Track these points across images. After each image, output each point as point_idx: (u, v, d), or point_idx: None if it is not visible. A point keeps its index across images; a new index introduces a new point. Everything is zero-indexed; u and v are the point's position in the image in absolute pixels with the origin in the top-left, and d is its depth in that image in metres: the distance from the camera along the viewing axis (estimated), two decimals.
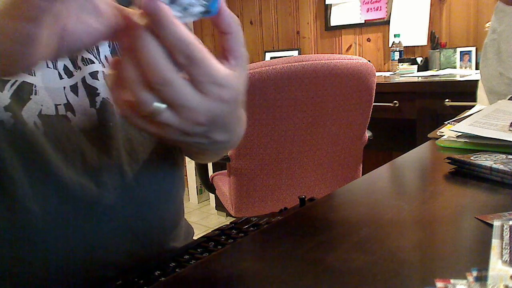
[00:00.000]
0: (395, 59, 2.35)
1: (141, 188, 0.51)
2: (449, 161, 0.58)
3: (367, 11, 2.57)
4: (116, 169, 0.49)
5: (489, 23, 1.11)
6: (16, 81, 0.43)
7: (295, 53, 2.87)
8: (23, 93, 0.44)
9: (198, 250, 0.55)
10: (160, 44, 0.31)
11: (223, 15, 0.34)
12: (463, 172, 0.56)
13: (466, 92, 1.58)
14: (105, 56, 0.51)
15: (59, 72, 0.47)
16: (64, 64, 0.48)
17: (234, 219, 0.68)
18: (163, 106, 0.32)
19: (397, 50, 2.35)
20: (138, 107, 0.32)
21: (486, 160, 0.54)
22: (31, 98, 0.44)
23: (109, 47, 0.52)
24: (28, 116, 0.43)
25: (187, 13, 0.32)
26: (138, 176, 0.51)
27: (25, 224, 0.43)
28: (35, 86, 0.45)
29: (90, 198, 0.46)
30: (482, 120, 0.69)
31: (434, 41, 2.27)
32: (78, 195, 0.45)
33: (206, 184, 1.81)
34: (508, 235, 0.36)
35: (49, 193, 0.44)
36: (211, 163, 2.45)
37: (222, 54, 0.35)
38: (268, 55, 3.02)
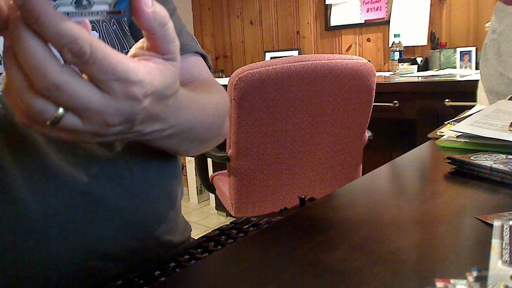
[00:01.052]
0: (395, 59, 2.35)
1: (134, 179, 0.52)
2: (449, 161, 0.58)
3: (367, 11, 2.57)
4: (109, 161, 0.49)
5: (489, 23, 1.11)
6: None
7: (295, 53, 2.87)
8: None
9: (198, 250, 0.55)
10: (45, 42, 0.27)
11: (142, 17, 0.30)
12: (463, 172, 0.56)
13: (466, 92, 1.58)
14: None
15: None
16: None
17: (234, 219, 0.68)
18: (61, 111, 0.29)
19: (397, 50, 2.35)
20: (33, 116, 0.29)
21: (486, 160, 0.54)
22: None
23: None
24: None
25: (84, 10, 0.28)
26: (131, 168, 0.51)
27: (20, 214, 0.43)
28: None
29: (82, 189, 0.47)
30: (482, 120, 0.69)
31: (434, 41, 2.27)
32: (71, 185, 0.46)
33: (206, 184, 1.81)
34: (508, 235, 0.36)
35: (41, 183, 0.44)
36: (211, 163, 2.45)
37: (148, 49, 0.32)
38: (268, 55, 3.02)
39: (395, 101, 1.83)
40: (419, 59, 2.28)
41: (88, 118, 0.29)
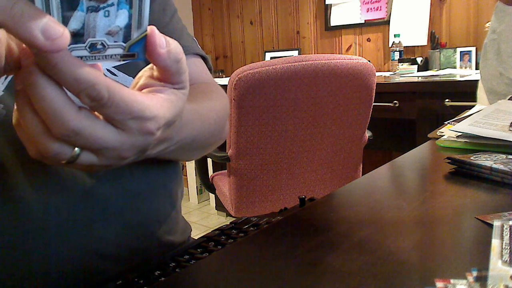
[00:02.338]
0: (395, 59, 2.35)
1: (134, 180, 0.52)
2: (449, 161, 0.58)
3: (367, 11, 2.57)
4: None
5: (489, 23, 1.11)
6: None
7: (295, 53, 2.87)
8: None
9: (198, 250, 0.55)
10: (60, 88, 0.26)
11: (157, 59, 0.30)
12: (463, 172, 0.56)
13: (466, 92, 1.58)
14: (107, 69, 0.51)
15: None
16: None
17: (234, 219, 0.68)
18: (77, 151, 0.29)
19: (397, 50, 2.35)
20: (49, 157, 0.29)
21: (486, 160, 0.54)
22: None
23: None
24: None
25: (98, 53, 0.27)
26: (132, 168, 0.52)
27: (22, 213, 0.43)
28: None
29: (83, 188, 0.47)
30: (482, 120, 0.69)
31: (434, 41, 2.27)
32: (72, 185, 0.46)
33: (206, 184, 1.81)
34: (508, 235, 0.36)
35: (44, 183, 0.45)
36: (211, 163, 2.45)
37: (160, 80, 0.32)
38: (268, 55, 3.02)
39: (395, 101, 1.83)
40: (419, 59, 2.28)
41: (104, 155, 0.30)
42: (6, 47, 0.26)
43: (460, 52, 2.19)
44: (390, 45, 2.43)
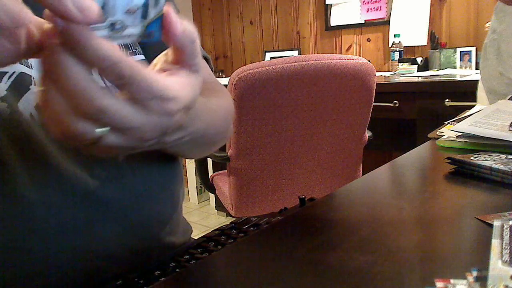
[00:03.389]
0: (395, 59, 2.35)
1: (136, 180, 0.52)
2: (449, 161, 0.58)
3: (367, 11, 2.57)
4: (112, 161, 0.49)
5: (489, 23, 1.11)
6: (14, 72, 0.44)
7: (295, 53, 2.87)
8: (21, 85, 0.44)
9: (198, 250, 0.55)
10: (86, 67, 0.27)
11: (174, 38, 0.30)
12: (463, 172, 0.56)
13: (466, 92, 1.58)
14: None
15: None
16: None
17: (234, 219, 0.68)
18: (106, 130, 0.29)
19: (397, 50, 2.35)
20: (74, 137, 0.29)
21: (486, 160, 0.54)
22: (30, 89, 0.44)
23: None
24: (25, 107, 0.44)
25: (117, 33, 0.28)
26: (134, 169, 0.52)
27: (24, 212, 0.43)
28: (33, 78, 0.45)
29: (85, 189, 0.47)
30: (482, 120, 0.69)
31: (434, 41, 2.27)
32: (74, 185, 0.46)
33: (206, 184, 1.81)
34: (508, 235, 0.36)
35: (46, 183, 0.45)
36: (211, 163, 2.45)
37: (175, 63, 0.32)
38: (268, 55, 3.02)
39: (395, 101, 1.83)
40: (419, 59, 2.28)
41: (127, 135, 0.30)
42: (26, 30, 0.27)
43: (460, 52, 2.19)
44: (390, 45, 2.43)
